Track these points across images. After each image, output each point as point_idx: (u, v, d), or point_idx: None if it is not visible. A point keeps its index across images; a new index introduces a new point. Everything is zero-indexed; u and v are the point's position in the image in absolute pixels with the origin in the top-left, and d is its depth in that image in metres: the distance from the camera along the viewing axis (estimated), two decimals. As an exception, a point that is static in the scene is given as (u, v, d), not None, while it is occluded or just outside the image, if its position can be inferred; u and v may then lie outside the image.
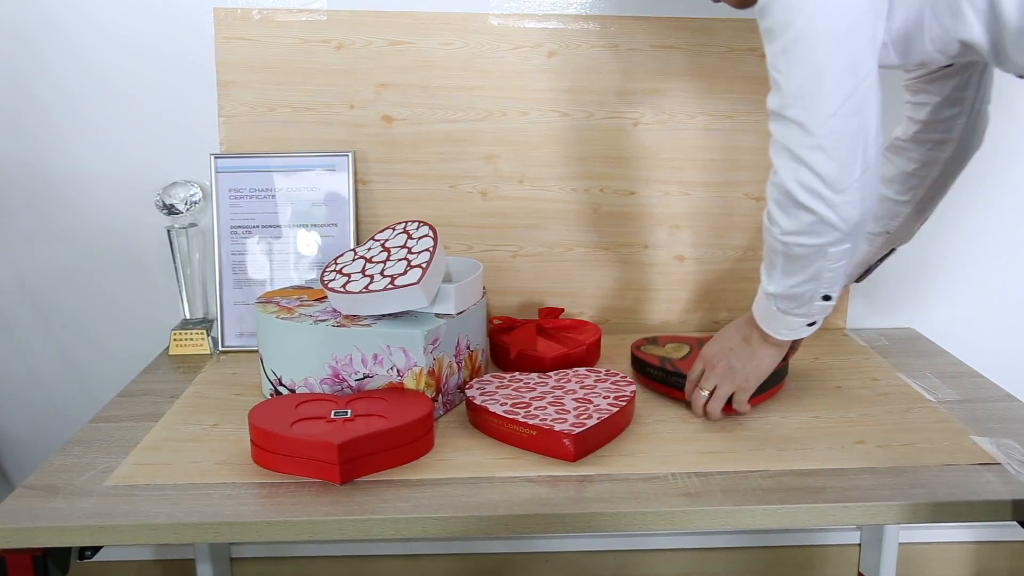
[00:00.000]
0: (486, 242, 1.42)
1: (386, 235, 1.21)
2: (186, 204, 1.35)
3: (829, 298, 0.97)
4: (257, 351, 1.18)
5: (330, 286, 1.12)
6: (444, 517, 0.89)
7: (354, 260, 1.18)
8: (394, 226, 1.22)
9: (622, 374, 1.15)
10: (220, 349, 1.36)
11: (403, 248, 1.15)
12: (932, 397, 1.19)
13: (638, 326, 1.45)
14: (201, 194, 1.36)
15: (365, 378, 1.08)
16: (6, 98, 1.35)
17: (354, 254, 1.20)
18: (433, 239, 1.14)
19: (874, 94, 0.87)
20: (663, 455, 1.02)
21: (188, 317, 1.40)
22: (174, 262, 1.37)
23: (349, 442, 0.93)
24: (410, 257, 1.12)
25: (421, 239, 1.15)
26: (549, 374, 1.17)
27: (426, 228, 1.17)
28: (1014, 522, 0.93)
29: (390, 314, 1.11)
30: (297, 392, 1.12)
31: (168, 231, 1.36)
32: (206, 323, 1.39)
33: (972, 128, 1.12)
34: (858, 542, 1.62)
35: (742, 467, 0.99)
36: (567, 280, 1.45)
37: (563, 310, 1.39)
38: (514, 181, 1.40)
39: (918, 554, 1.63)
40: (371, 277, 1.11)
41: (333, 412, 1.01)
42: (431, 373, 1.08)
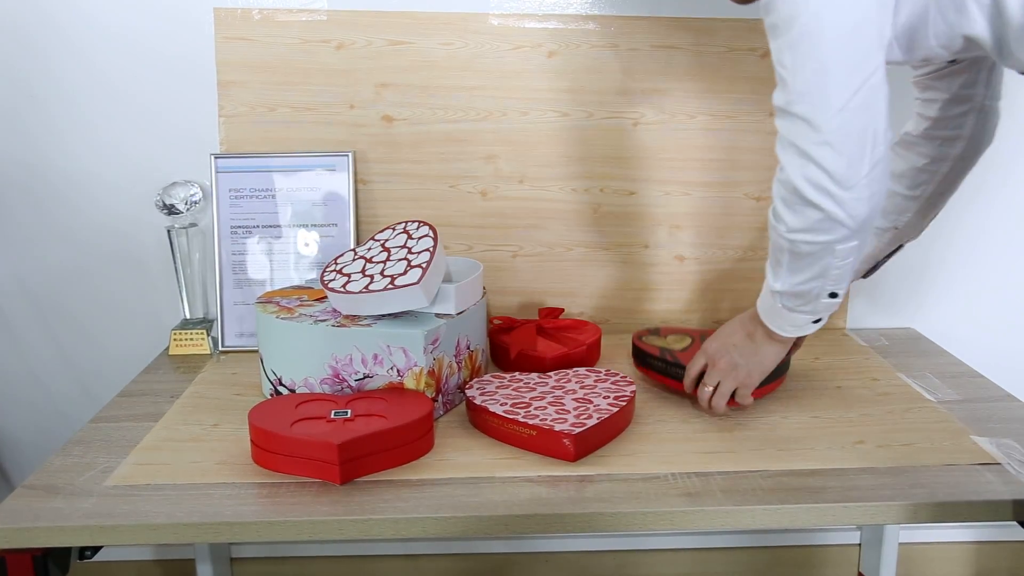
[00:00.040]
0: (486, 242, 1.42)
1: (386, 235, 1.21)
2: (186, 204, 1.35)
3: (836, 295, 0.97)
4: (257, 351, 1.18)
5: (330, 286, 1.12)
6: (444, 517, 0.89)
7: (354, 260, 1.18)
8: (394, 226, 1.22)
9: (622, 374, 1.15)
10: (220, 349, 1.36)
11: (403, 248, 1.15)
12: (932, 397, 1.19)
13: (638, 326, 1.45)
14: (201, 194, 1.36)
15: (365, 378, 1.08)
16: (6, 98, 1.35)
17: (354, 254, 1.20)
18: (433, 239, 1.14)
19: (882, 90, 0.86)
20: (663, 455, 1.02)
21: (188, 317, 1.40)
22: (174, 262, 1.37)
23: (349, 442, 0.93)
24: (410, 257, 1.12)
25: (421, 239, 1.15)
26: (549, 374, 1.17)
27: (426, 228, 1.17)
28: (1014, 522, 0.93)
29: (390, 314, 1.11)
30: (297, 392, 1.12)
31: (168, 231, 1.36)
32: (206, 323, 1.39)
33: (982, 125, 1.12)
34: (858, 542, 1.62)
35: (742, 467, 0.99)
36: (567, 280, 1.45)
37: (563, 310, 1.39)
38: (514, 181, 1.40)
39: (918, 554, 1.63)
40: (371, 277, 1.11)
41: (333, 412, 1.01)
42: (431, 373, 1.08)
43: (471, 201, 1.41)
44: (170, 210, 1.34)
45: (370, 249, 1.19)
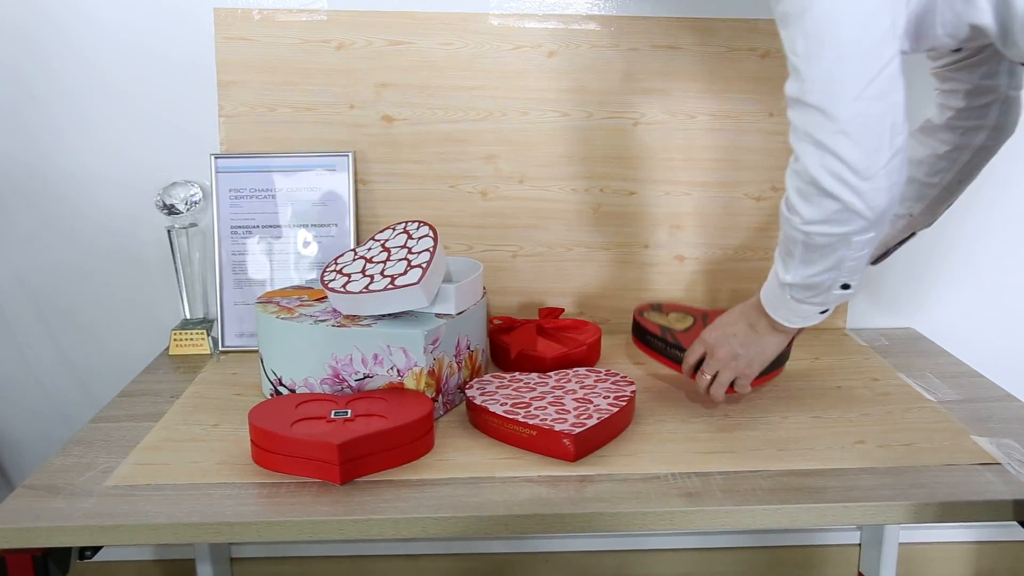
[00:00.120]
0: (486, 242, 1.42)
1: (386, 235, 1.21)
2: (186, 204, 1.35)
3: (848, 287, 0.95)
4: (257, 351, 1.18)
5: (330, 286, 1.12)
6: (444, 517, 0.89)
7: (354, 260, 1.18)
8: (394, 226, 1.22)
9: (622, 374, 1.15)
10: (220, 349, 1.36)
11: (403, 248, 1.15)
12: (932, 397, 1.19)
13: (638, 326, 1.45)
14: (201, 194, 1.36)
15: (365, 378, 1.08)
16: (6, 98, 1.35)
17: (354, 254, 1.20)
18: (433, 239, 1.14)
19: (899, 80, 0.84)
20: (663, 455, 1.02)
21: (188, 317, 1.40)
22: (174, 262, 1.37)
23: (349, 442, 0.93)
24: (410, 257, 1.12)
25: (421, 239, 1.15)
26: (549, 374, 1.17)
27: (426, 228, 1.17)
28: (1014, 522, 0.94)
29: (390, 314, 1.11)
30: (297, 392, 1.12)
31: (168, 231, 1.36)
32: (206, 323, 1.39)
33: (1006, 115, 1.10)
34: (858, 542, 1.62)
35: (742, 467, 0.99)
36: (567, 280, 1.45)
37: (563, 310, 1.39)
38: (514, 181, 1.40)
39: (918, 554, 1.63)
40: (371, 277, 1.11)
41: (333, 412, 1.01)
42: (431, 373, 1.08)
43: (471, 201, 1.41)
44: (170, 210, 1.34)
45: (370, 249, 1.19)
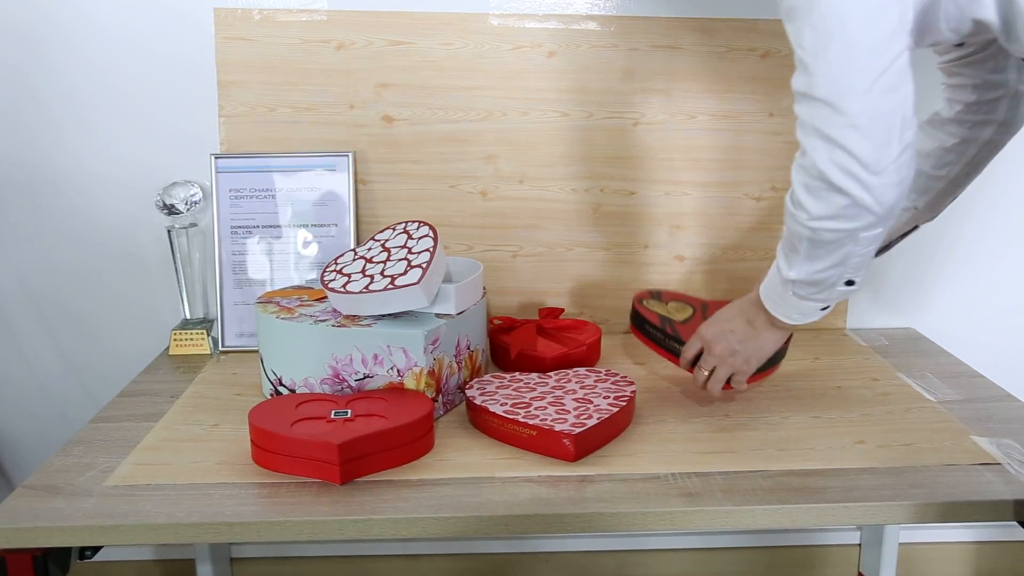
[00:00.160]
0: (486, 242, 1.42)
1: (386, 235, 1.21)
2: (186, 204, 1.35)
3: (852, 283, 0.94)
4: (257, 351, 1.18)
5: (330, 286, 1.12)
6: (444, 517, 0.89)
7: (354, 260, 1.18)
8: (394, 226, 1.22)
9: (622, 374, 1.15)
10: (220, 349, 1.36)
11: (403, 248, 1.15)
12: (932, 397, 1.19)
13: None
14: (201, 194, 1.36)
15: (365, 378, 1.08)
16: (7, 98, 1.35)
17: (354, 254, 1.20)
18: (433, 239, 1.14)
19: (908, 73, 0.83)
20: (663, 455, 1.02)
21: (188, 317, 1.40)
22: (174, 262, 1.37)
23: (349, 442, 0.93)
24: (410, 257, 1.12)
25: (421, 239, 1.15)
26: (549, 374, 1.17)
27: (426, 228, 1.17)
28: (1014, 522, 0.94)
29: (390, 314, 1.11)
30: (297, 392, 1.12)
31: (168, 231, 1.36)
32: (206, 323, 1.39)
33: (1015, 110, 1.10)
34: (858, 542, 1.62)
35: (742, 467, 0.98)
36: (567, 280, 1.45)
37: (563, 310, 1.39)
38: (514, 181, 1.40)
39: (918, 554, 1.63)
40: (371, 277, 1.11)
41: (333, 412, 1.01)
42: (431, 373, 1.08)
43: (471, 201, 1.41)
44: (170, 210, 1.34)
45: (370, 249, 1.19)
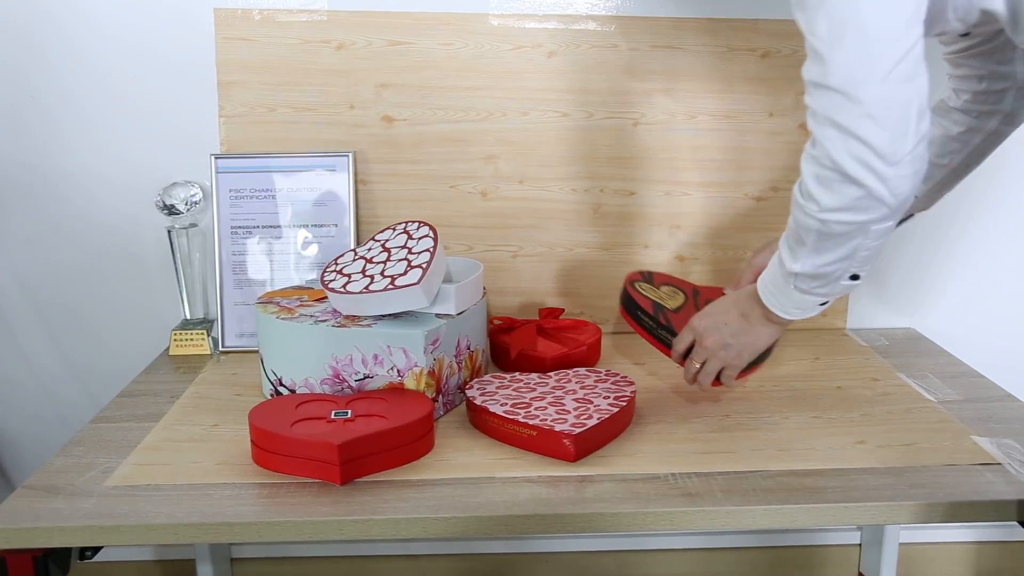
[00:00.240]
0: (486, 242, 1.42)
1: (386, 235, 1.21)
2: (186, 204, 1.35)
3: (857, 277, 0.93)
4: (257, 351, 1.18)
5: (330, 286, 1.12)
6: (444, 517, 0.89)
7: (354, 260, 1.18)
8: (394, 226, 1.22)
9: (622, 374, 1.15)
10: (220, 349, 1.36)
11: (403, 248, 1.15)
12: (932, 397, 1.19)
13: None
14: (201, 194, 1.36)
15: (365, 378, 1.08)
16: (7, 98, 1.35)
17: (354, 254, 1.20)
18: (433, 239, 1.14)
19: (923, 63, 0.82)
20: (663, 455, 1.02)
21: (188, 317, 1.40)
22: (174, 262, 1.37)
23: (349, 442, 0.93)
24: (410, 257, 1.12)
25: (421, 239, 1.15)
26: (549, 374, 1.17)
27: (426, 228, 1.17)
28: (1015, 522, 0.94)
29: (390, 314, 1.11)
30: (297, 392, 1.12)
31: (168, 231, 1.36)
32: (206, 323, 1.39)
33: (1021, 100, 1.09)
34: (858, 542, 1.62)
35: (742, 467, 0.98)
36: (567, 280, 1.45)
37: (563, 310, 1.39)
38: (514, 181, 1.40)
39: (918, 554, 1.63)
40: (371, 277, 1.11)
41: (333, 412, 1.01)
42: (431, 373, 1.08)
43: (471, 201, 1.41)
44: (170, 210, 1.34)
45: (370, 249, 1.19)
